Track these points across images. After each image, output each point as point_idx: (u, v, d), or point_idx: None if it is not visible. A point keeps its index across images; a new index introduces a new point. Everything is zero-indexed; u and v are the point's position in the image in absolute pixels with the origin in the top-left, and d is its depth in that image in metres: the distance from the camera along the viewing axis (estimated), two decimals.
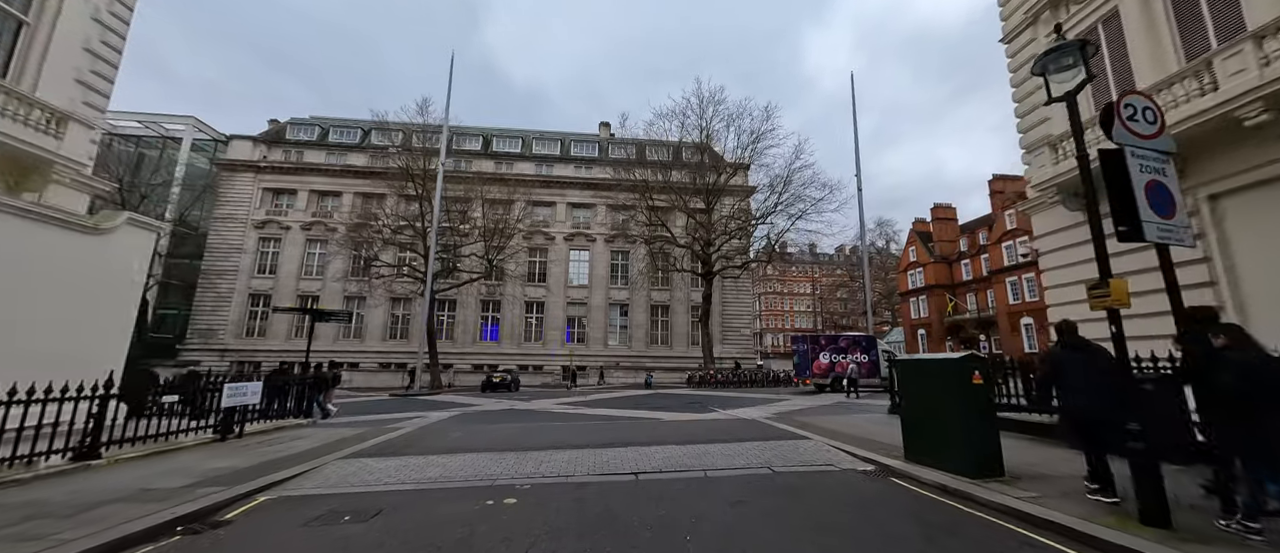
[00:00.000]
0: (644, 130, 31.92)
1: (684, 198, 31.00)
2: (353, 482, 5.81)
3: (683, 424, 10.22)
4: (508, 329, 36.06)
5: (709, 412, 13.14)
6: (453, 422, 11.43)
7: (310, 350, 18.29)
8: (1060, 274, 9.13)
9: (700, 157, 31.67)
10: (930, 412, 5.76)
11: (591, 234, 38.20)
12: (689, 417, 11.80)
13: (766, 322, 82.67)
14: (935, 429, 5.66)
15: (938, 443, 5.59)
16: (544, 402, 16.93)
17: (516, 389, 25.43)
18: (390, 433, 9.38)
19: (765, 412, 12.81)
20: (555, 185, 38.67)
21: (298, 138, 38.77)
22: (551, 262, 37.63)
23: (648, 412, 13.21)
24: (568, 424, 10.33)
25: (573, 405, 15.44)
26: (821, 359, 21.69)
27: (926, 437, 5.80)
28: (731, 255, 31.63)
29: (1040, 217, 9.58)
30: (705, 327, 30.86)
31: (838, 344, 22.27)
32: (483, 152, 40.09)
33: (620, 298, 37.54)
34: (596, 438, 8.38)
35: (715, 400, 17.05)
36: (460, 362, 33.96)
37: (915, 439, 6.03)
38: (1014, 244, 42.15)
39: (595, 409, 14.19)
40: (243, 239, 35.09)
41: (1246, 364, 3.55)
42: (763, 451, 7.17)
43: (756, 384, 27.68)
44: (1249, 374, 3.48)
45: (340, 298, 34.77)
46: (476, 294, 35.62)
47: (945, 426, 5.53)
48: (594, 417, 12.19)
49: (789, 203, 29.40)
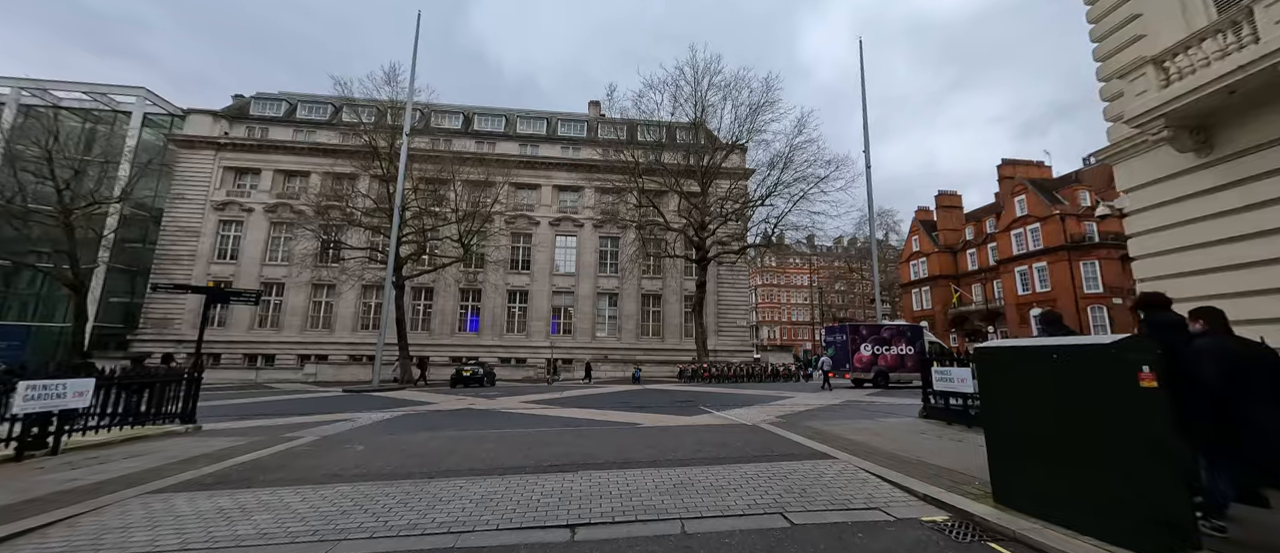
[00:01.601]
0: (634, 103, 29.54)
1: (677, 180, 28.68)
2: (109, 542, 3.56)
3: (664, 433, 8.00)
4: (489, 320, 33.76)
5: (699, 413, 10.96)
6: (376, 429, 9.17)
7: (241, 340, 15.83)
8: (1162, 238, 6.93)
9: (694, 136, 29.30)
10: (1051, 434, 3.54)
11: (579, 219, 35.84)
12: (674, 421, 9.59)
13: (763, 314, 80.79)
14: (1062, 463, 3.45)
15: (1071, 487, 3.38)
16: (512, 400, 14.69)
17: (491, 384, 23.19)
18: (279, 446, 7.13)
19: (766, 413, 10.63)
20: (540, 167, 36.22)
21: (263, 114, 36.08)
22: (536, 248, 35.28)
23: (627, 413, 11.01)
24: (519, 433, 8.10)
25: (543, 405, 13.22)
26: (863, 351, 19.57)
27: (1042, 473, 3.59)
28: (727, 241, 29.39)
29: (1131, 163, 7.36)
30: (699, 317, 28.67)
31: (881, 334, 20.19)
32: (463, 130, 37.53)
33: (609, 287, 35.30)
34: (543, 457, 6.14)
35: (708, 398, 14.88)
36: (437, 354, 31.66)
37: (1017, 476, 3.81)
38: (1023, 232, 40.13)
39: (566, 410, 11.98)
40: (201, 221, 32.51)
41: (1228, 351, 3.28)
42: (771, 480, 4.94)
43: (753, 379, 25.59)
44: (1231, 361, 3.21)
45: (308, 286, 32.32)
46: (455, 282, 33.30)
47: (1083, 458, 3.31)
48: (559, 421, 9.97)
49: (790, 183, 27.12)
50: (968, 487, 4.49)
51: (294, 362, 31.13)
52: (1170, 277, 6.82)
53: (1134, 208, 7.36)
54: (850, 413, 10.97)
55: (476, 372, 21.01)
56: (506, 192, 35.48)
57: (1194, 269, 6.53)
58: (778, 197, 27.16)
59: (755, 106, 26.80)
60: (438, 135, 35.53)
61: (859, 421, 9.42)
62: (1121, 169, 7.53)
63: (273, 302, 32.58)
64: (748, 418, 9.88)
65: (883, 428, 8.16)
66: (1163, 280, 6.98)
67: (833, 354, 19.81)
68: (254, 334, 31.79)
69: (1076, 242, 36.63)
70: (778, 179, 27.06)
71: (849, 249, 71.92)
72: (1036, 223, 39.13)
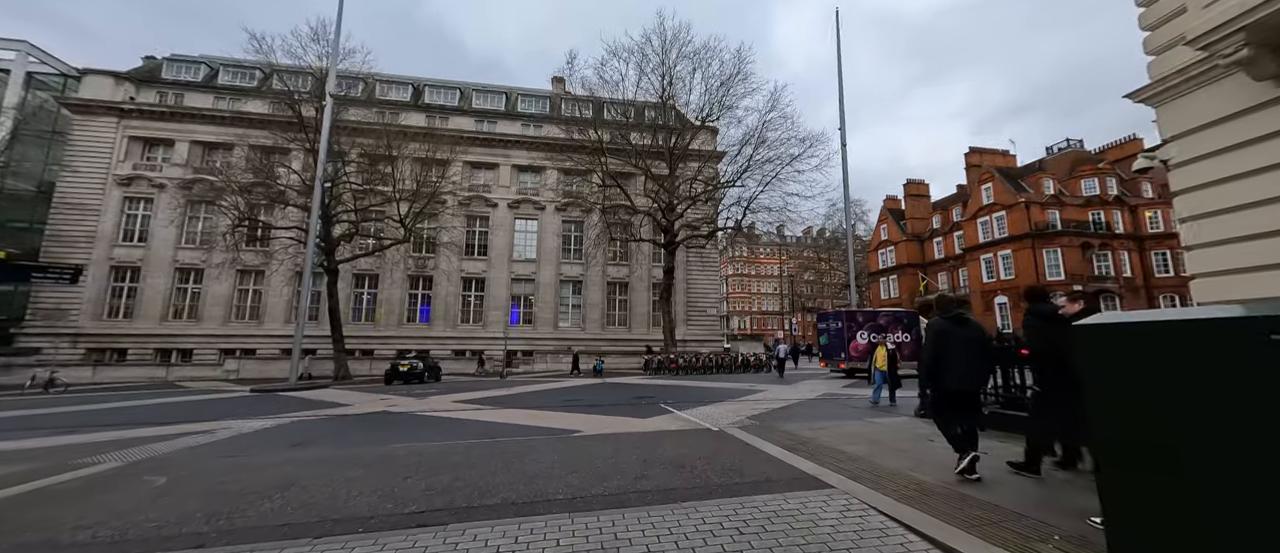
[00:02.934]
0: (596, 72, 27.35)
1: (644, 160, 26.74)
2: None
3: (606, 445, 6.20)
4: (441, 309, 31.14)
5: (658, 413, 9.22)
6: (232, 445, 7.04)
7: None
8: (1221, 193, 5.54)
9: (662, 116, 27.34)
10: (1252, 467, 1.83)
11: (540, 201, 33.47)
12: (623, 425, 7.81)
13: (734, 304, 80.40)
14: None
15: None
16: (444, 400, 12.60)
17: (436, 379, 20.90)
18: (43, 480, 4.94)
19: (735, 412, 9.00)
20: (498, 144, 33.55)
21: (178, 78, 31.93)
22: (494, 231, 32.75)
23: (570, 416, 9.16)
24: (411, 450, 6.16)
25: (474, 406, 11.22)
26: (859, 339, 18.55)
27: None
28: (697, 224, 27.77)
29: (1181, 103, 5.94)
30: (666, 305, 27.02)
31: (877, 321, 19.37)
32: (412, 103, 34.38)
33: (573, 274, 33.21)
34: (412, 495, 4.25)
35: (671, 394, 13.20)
36: (383, 347, 28.94)
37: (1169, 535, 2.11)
38: (990, 220, 40.32)
39: (499, 412, 10.03)
40: (102, 198, 28.43)
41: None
42: (743, 536, 3.19)
43: (723, 370, 24.19)
44: None
45: (231, 272, 28.83)
46: (403, 269, 30.48)
47: None
48: (478, 429, 8.03)
49: (763, 163, 25.65)
50: (1044, 546, 2.86)
51: (216, 357, 27.77)
52: (1232, 242, 5.46)
53: (1182, 158, 5.97)
54: (832, 410, 9.47)
55: (415, 366, 18.66)
56: (462, 171, 32.79)
57: (1264, 231, 5.17)
58: (750, 176, 25.68)
59: (726, 79, 25.14)
60: (383, 108, 32.32)
61: (846, 422, 7.88)
62: (1167, 111, 6.12)
63: (190, 290, 28.96)
64: (713, 419, 8.20)
65: (878, 431, 6.61)
66: (1221, 247, 5.62)
67: (825, 343, 18.60)
68: (168, 326, 28.17)
69: (1040, 230, 36.93)
70: (750, 157, 25.56)
71: (818, 239, 72.05)
72: (1002, 211, 39.31)
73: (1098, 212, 37.47)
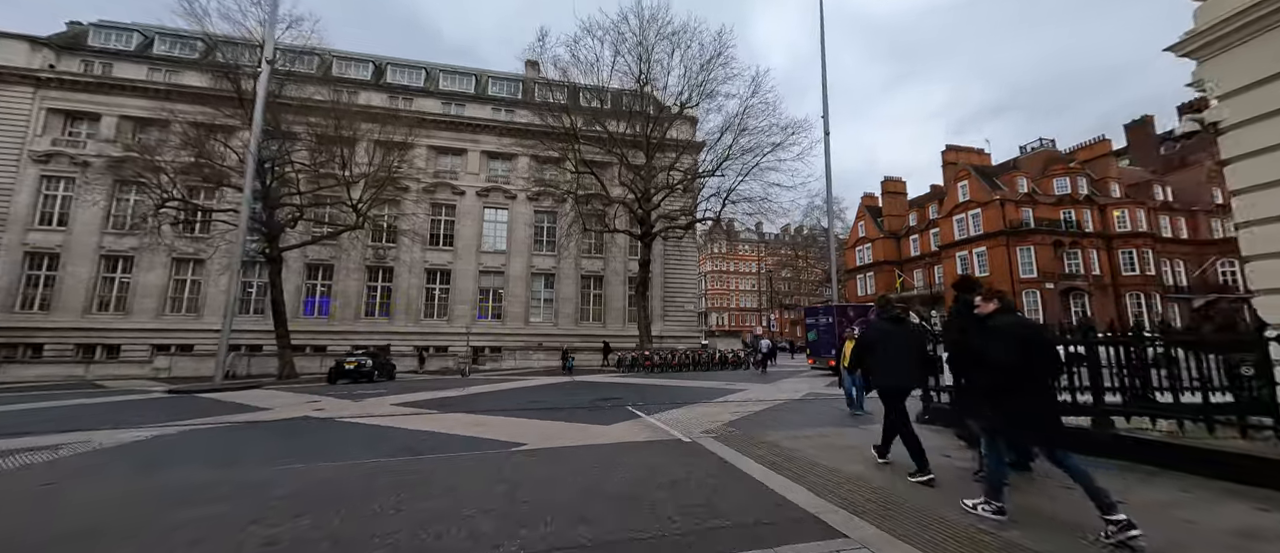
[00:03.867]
0: (568, 50, 25.89)
1: (621, 148, 25.40)
2: None
3: (548, 464, 4.97)
4: (403, 303, 29.23)
5: (623, 419, 8.03)
6: (63, 466, 5.52)
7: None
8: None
9: (640, 103, 25.98)
10: None
11: (510, 190, 31.81)
12: (578, 436, 6.58)
13: (713, 300, 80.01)
14: None
15: None
16: (382, 402, 11.13)
17: (389, 378, 19.23)
18: None
19: (712, 417, 7.88)
20: (466, 129, 31.70)
21: (107, 46, 29.01)
22: (461, 220, 30.94)
23: (520, 422, 7.89)
24: (292, 476, 4.80)
25: (415, 410, 9.81)
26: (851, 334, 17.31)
27: None
28: (675, 215, 26.64)
29: (1234, 55, 5.04)
30: (642, 300, 25.85)
31: (867, 316, 18.16)
32: (373, 82, 32.20)
33: (545, 267, 31.71)
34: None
35: (643, 393, 12.04)
36: (338, 343, 26.89)
37: None
38: (965, 217, 40.50)
39: (441, 416, 8.69)
40: (14, 176, 25.50)
41: (1018, 330, 3.31)
42: None
43: (700, 367, 23.19)
44: (1023, 339, 3.23)
45: (167, 261, 26.33)
46: (362, 258, 28.44)
47: None
48: (403, 441, 6.69)
49: (742, 153, 24.65)
50: None
51: (148, 354, 25.28)
52: None
53: (1235, 120, 5.06)
54: (819, 414, 8.45)
55: (364, 364, 16.95)
56: (427, 156, 30.86)
57: None
58: (731, 165, 24.65)
59: (706, 62, 23.98)
60: (340, 86, 30.09)
61: (835, 428, 6.84)
62: (1216, 65, 5.21)
63: (118, 279, 26.32)
64: (686, 425, 7.04)
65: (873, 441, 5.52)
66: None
67: (813, 338, 17.64)
68: (92, 319, 25.53)
69: (1014, 227, 37.19)
70: (731, 145, 24.51)
71: (796, 237, 72.10)
72: (978, 208, 39.49)
73: (1069, 210, 37.97)
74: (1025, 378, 3.17)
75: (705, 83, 24.32)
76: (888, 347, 4.40)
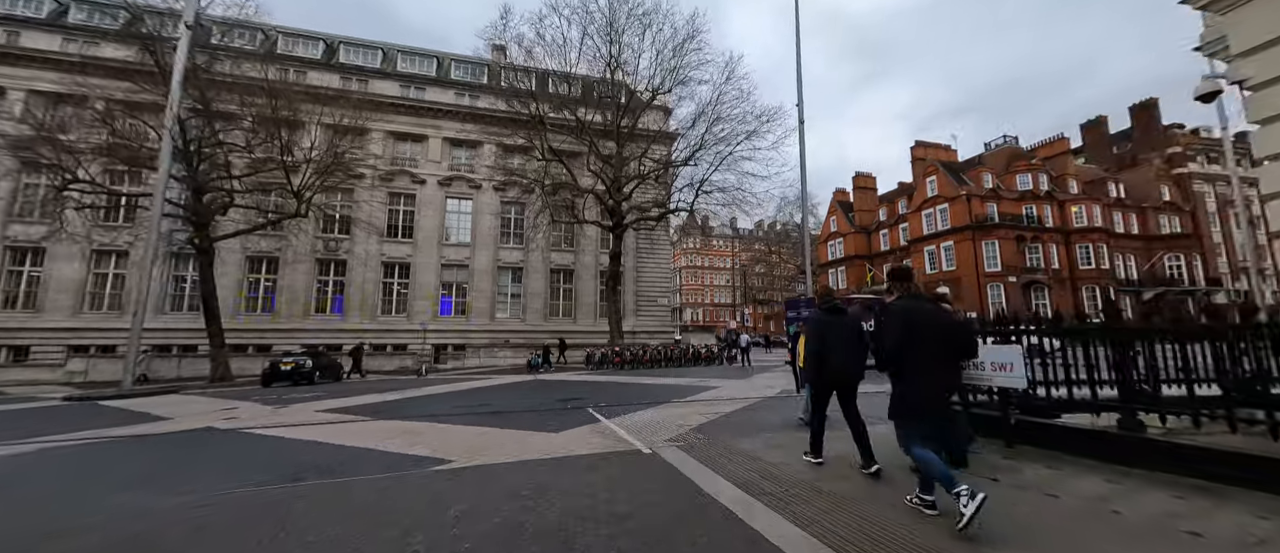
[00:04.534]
0: (533, 27, 24.62)
1: (591, 137, 24.23)
2: None
3: (469, 487, 4.06)
4: (357, 298, 27.35)
5: (580, 423, 7.06)
6: None
7: None
8: None
9: (611, 90, 24.85)
10: None
11: (475, 179, 30.21)
12: (518, 450, 5.58)
13: (687, 295, 79.75)
14: None
15: None
16: (307, 408, 9.82)
17: (334, 379, 17.65)
18: None
19: (679, 419, 7.01)
20: (426, 113, 29.88)
21: (12, 12, 25.89)
22: (422, 211, 29.19)
23: (460, 429, 6.84)
24: (124, 514, 3.69)
25: (346, 416, 8.61)
26: None
27: None
28: (647, 206, 25.71)
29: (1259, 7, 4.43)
30: (613, 294, 24.86)
31: (852, 306, 17.59)
32: (324, 62, 29.96)
33: (512, 260, 30.31)
34: None
35: (607, 393, 11.10)
36: (284, 342, 24.83)
37: None
38: (934, 212, 41.14)
39: (367, 425, 7.55)
40: None
41: (903, 313, 3.22)
42: None
43: (672, 363, 22.42)
44: (906, 321, 3.16)
45: (86, 252, 23.71)
46: (311, 251, 26.42)
47: None
48: (312, 456, 5.60)
49: (715, 142, 23.91)
50: None
51: (63, 355, 22.76)
52: None
53: (1264, 78, 4.45)
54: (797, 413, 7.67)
55: (302, 365, 15.35)
56: (384, 142, 28.94)
57: None
58: (704, 154, 23.87)
59: (679, 44, 23.06)
60: (290, 66, 27.84)
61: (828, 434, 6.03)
62: (1241, 15, 4.60)
63: (26, 273, 23.58)
64: (649, 431, 6.15)
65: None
66: None
67: (794, 330, 16.92)
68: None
69: (980, 222, 37.94)
70: (705, 133, 23.72)
71: (769, 232, 72.47)
72: (945, 203, 40.15)
73: (1031, 206, 38.98)
74: (908, 361, 3.12)
75: (678, 68, 23.46)
76: (830, 339, 4.27)
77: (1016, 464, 4.09)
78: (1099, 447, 3.93)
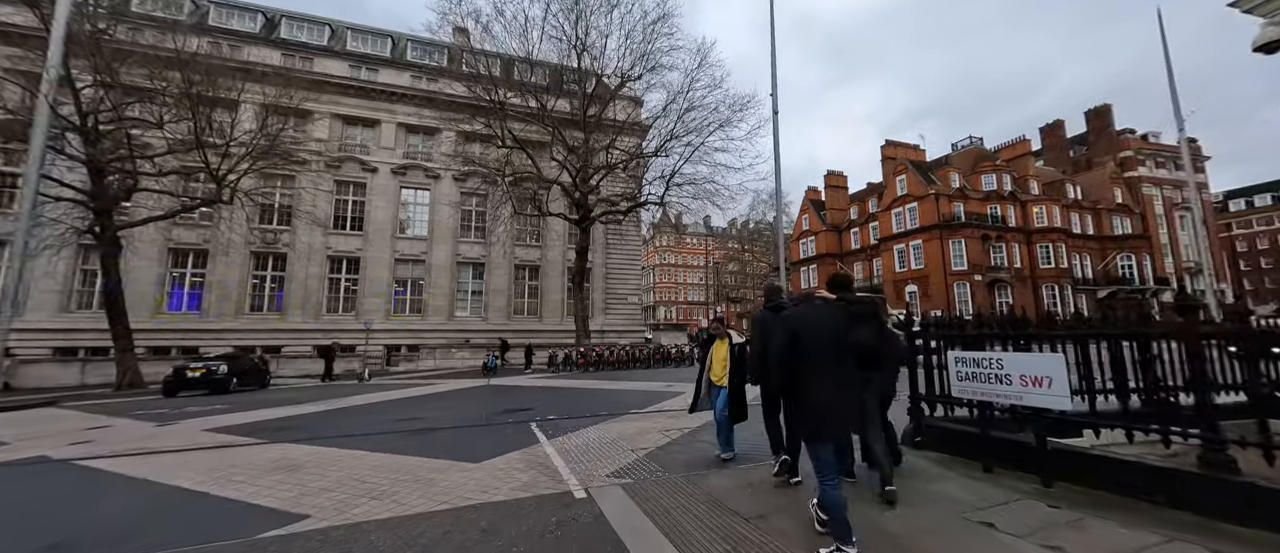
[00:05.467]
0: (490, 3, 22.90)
1: (555, 125, 22.75)
2: None
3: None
4: (299, 295, 25.06)
5: (511, 446, 5.78)
6: None
7: None
8: None
9: (578, 79, 23.38)
10: None
11: (433, 168, 28.24)
12: (405, 499, 4.32)
13: (661, 293, 78.97)
14: None
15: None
16: (198, 424, 8.21)
17: (259, 385, 15.67)
18: None
19: (634, 438, 5.83)
20: (378, 96, 27.70)
21: None
22: (373, 201, 27.05)
23: (356, 457, 5.48)
24: None
25: (234, 437, 7.08)
26: None
27: None
28: (616, 199, 24.47)
29: None
30: (579, 291, 23.53)
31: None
32: (263, 36, 27.37)
33: (474, 255, 28.52)
34: None
35: (562, 401, 9.84)
36: (214, 343, 22.45)
37: None
38: (903, 211, 41.42)
39: (248, 451, 6.08)
40: None
41: (793, 321, 3.02)
42: None
43: (641, 364, 21.27)
44: (793, 330, 2.95)
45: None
46: (245, 243, 23.96)
47: None
48: (116, 501, 4.14)
49: (686, 133, 22.86)
50: None
51: None
52: None
53: None
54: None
55: (214, 370, 13.35)
56: (330, 125, 26.64)
57: None
58: (676, 144, 22.78)
59: (650, 25, 21.84)
60: (225, 39, 25.28)
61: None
62: None
63: None
64: (595, 460, 4.95)
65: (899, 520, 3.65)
66: None
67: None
68: None
69: (947, 221, 38.33)
70: (676, 122, 22.61)
71: (743, 231, 72.39)
72: (914, 202, 40.45)
73: (995, 206, 39.67)
74: (800, 373, 2.91)
75: (648, 53, 22.26)
76: (772, 340, 3.60)
77: (1076, 517, 3.04)
78: (1171, 490, 2.95)
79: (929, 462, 4.38)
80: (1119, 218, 43.20)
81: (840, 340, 2.86)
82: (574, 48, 22.05)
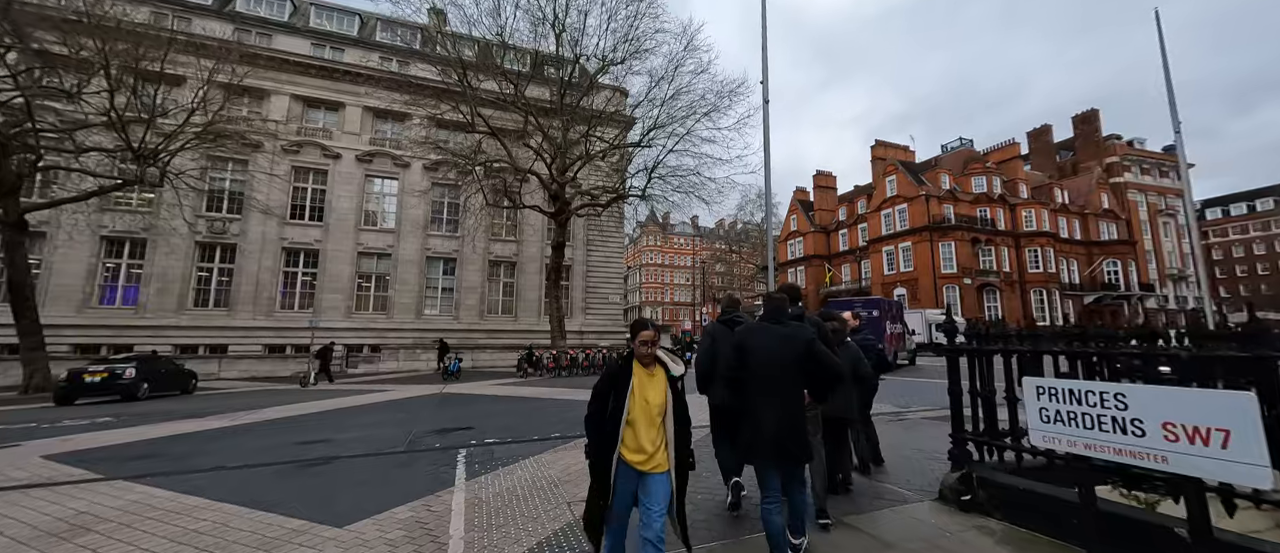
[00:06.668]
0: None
1: (531, 112, 21.15)
2: None
3: None
4: (250, 290, 23.07)
5: (414, 495, 4.30)
6: None
7: None
8: None
9: (555, 63, 21.79)
10: None
11: (401, 157, 26.41)
12: None
13: (647, 294, 77.66)
14: None
15: None
16: (39, 449, 6.54)
17: (182, 391, 13.82)
18: None
19: (580, 483, 4.37)
20: (342, 77, 25.79)
21: None
22: (335, 189, 25.15)
23: (201, 510, 4.03)
24: None
25: (77, 469, 5.53)
26: (891, 328, 17.26)
27: None
28: (596, 192, 22.97)
29: None
30: (555, 288, 21.96)
31: (892, 311, 18.88)
32: (216, 9, 25.27)
33: (445, 250, 26.77)
34: None
35: (515, 415, 8.39)
36: (151, 340, 20.42)
37: None
38: (893, 212, 40.67)
39: (72, 496, 4.51)
40: None
41: (739, 335, 2.95)
42: None
43: None
44: (738, 345, 2.85)
45: None
46: (190, 233, 21.89)
47: None
48: None
49: (672, 122, 21.47)
50: None
51: None
52: None
53: None
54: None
55: (119, 374, 11.52)
56: (289, 107, 24.68)
57: None
58: (660, 134, 21.37)
59: (635, 13, 20.38)
60: (166, 9, 23.17)
61: (831, 534, 3.55)
62: None
63: None
64: (514, 522, 3.58)
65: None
66: None
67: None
68: None
69: (937, 223, 37.64)
70: (661, 109, 21.21)
71: (730, 232, 71.44)
72: (904, 203, 39.71)
73: (984, 208, 39.12)
74: (745, 390, 2.77)
75: (631, 36, 20.79)
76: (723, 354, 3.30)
77: None
78: None
79: (979, 533, 3.03)
80: (1105, 223, 43.06)
81: (786, 365, 2.72)
82: (551, 24, 20.49)
